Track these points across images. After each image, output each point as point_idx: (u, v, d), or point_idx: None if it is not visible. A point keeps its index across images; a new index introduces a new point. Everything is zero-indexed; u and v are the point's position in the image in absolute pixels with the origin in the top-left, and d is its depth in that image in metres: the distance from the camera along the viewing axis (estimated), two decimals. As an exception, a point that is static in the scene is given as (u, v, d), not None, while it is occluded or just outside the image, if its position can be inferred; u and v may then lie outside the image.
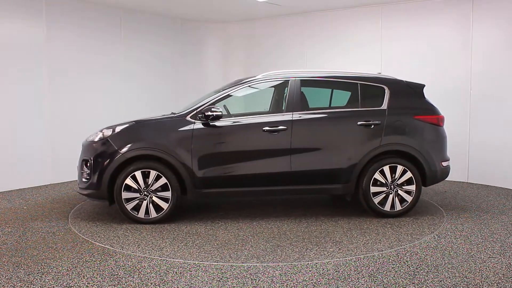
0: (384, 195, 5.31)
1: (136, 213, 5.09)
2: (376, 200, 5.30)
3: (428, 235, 4.70)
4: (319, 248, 4.32)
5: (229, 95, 5.37)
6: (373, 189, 5.28)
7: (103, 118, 7.85)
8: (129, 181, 5.05)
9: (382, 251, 4.16)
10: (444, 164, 5.53)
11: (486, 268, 3.79)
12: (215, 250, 4.30)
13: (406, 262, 3.94)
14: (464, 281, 3.54)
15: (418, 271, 3.74)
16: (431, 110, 5.51)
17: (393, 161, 5.30)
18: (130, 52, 8.49)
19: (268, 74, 5.56)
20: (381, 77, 5.61)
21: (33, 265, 3.89)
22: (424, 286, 3.46)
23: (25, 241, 4.54)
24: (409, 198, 5.32)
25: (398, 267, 3.84)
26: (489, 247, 4.32)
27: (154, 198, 5.09)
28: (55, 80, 7.39)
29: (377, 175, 5.28)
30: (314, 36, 8.82)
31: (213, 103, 5.23)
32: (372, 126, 5.30)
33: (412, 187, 5.32)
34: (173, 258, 4.05)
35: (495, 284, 3.48)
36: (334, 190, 5.35)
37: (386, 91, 5.46)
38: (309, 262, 3.97)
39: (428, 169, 5.37)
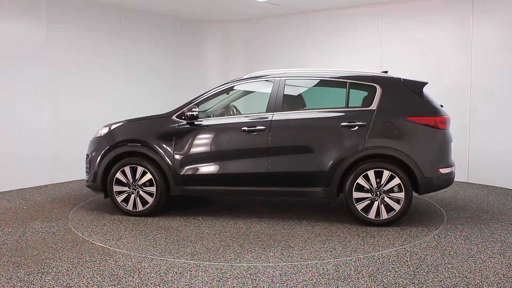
0: (369, 201, 4.94)
1: (126, 205, 5.43)
2: (359, 206, 4.95)
3: (428, 235, 4.69)
4: (262, 251, 4.24)
5: (213, 96, 5.52)
6: (356, 194, 4.94)
7: (103, 118, 7.83)
8: (119, 175, 5.40)
9: (322, 260, 4.09)
10: (444, 171, 4.99)
11: (486, 268, 3.79)
12: (163, 244, 4.44)
13: (406, 262, 3.94)
14: (464, 281, 3.54)
15: (418, 271, 3.74)
16: (428, 111, 5.00)
17: (378, 166, 4.90)
18: (130, 52, 8.49)
19: (255, 74, 5.57)
20: (373, 76, 5.22)
21: (33, 265, 3.89)
22: (424, 286, 3.46)
23: (25, 241, 4.54)
24: (397, 207, 4.89)
25: (398, 267, 3.84)
26: (489, 247, 4.32)
27: (141, 193, 5.38)
28: (55, 80, 7.39)
29: (361, 180, 4.92)
30: (314, 36, 8.81)
31: (197, 104, 5.41)
32: (356, 127, 4.97)
33: (401, 195, 4.88)
34: (120, 249, 4.10)
35: (495, 284, 3.48)
36: (314, 194, 5.09)
37: (377, 90, 5.06)
38: (310, 262, 3.97)
39: (420, 175, 4.88)
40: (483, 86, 7.16)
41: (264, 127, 5.14)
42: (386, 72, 5.52)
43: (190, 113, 5.26)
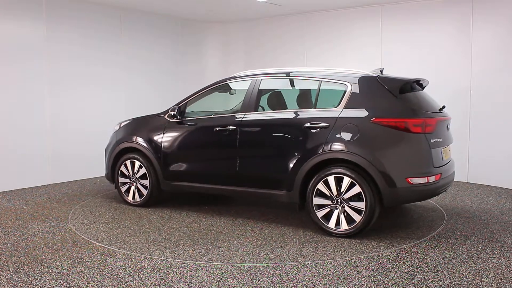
0: (328, 209, 4.59)
1: (127, 195, 5.95)
2: (320, 214, 4.62)
3: (428, 235, 4.69)
4: (191, 249, 4.27)
5: (200, 96, 5.70)
6: (316, 200, 4.62)
7: (103, 118, 7.86)
8: (123, 168, 5.92)
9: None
10: (414, 181, 4.37)
11: (486, 268, 3.80)
12: (118, 235, 4.72)
13: (406, 262, 3.94)
14: (464, 281, 3.54)
15: (418, 271, 3.74)
16: (400, 112, 4.47)
17: (337, 171, 4.50)
18: (130, 52, 8.48)
19: (238, 74, 5.62)
20: (345, 74, 4.83)
21: (33, 265, 3.89)
22: (424, 286, 3.46)
23: (25, 241, 4.54)
24: (358, 218, 4.43)
25: (398, 267, 3.84)
26: (489, 247, 4.32)
27: (138, 185, 5.85)
28: (55, 80, 7.38)
29: (321, 186, 4.59)
30: (314, 36, 8.81)
31: (185, 104, 5.68)
32: (318, 129, 4.66)
33: (361, 205, 4.43)
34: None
35: (495, 284, 3.48)
36: (278, 197, 4.91)
37: (348, 89, 4.68)
38: (310, 262, 3.97)
39: (382, 184, 4.34)
40: (483, 86, 7.16)
41: (234, 127, 5.18)
42: (382, 70, 5.10)
43: (173, 113, 5.59)
